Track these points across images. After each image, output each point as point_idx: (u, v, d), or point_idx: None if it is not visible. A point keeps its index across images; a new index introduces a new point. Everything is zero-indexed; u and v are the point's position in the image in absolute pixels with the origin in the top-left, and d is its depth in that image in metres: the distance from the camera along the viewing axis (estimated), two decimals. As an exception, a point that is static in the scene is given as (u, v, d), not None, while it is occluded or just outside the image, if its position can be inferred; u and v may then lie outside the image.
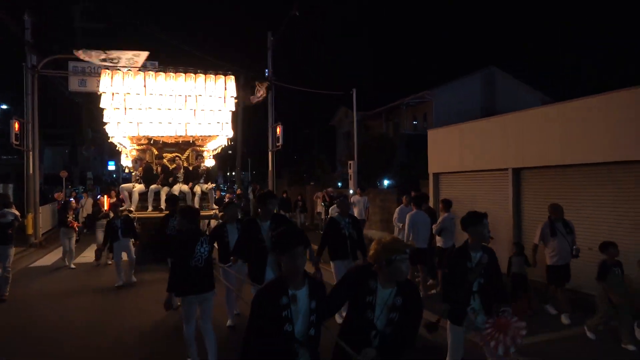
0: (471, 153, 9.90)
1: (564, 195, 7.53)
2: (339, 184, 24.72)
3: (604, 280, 5.33)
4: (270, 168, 16.94)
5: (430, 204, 9.88)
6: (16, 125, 12.86)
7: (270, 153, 16.66)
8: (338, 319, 4.97)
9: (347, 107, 26.50)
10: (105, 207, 11.33)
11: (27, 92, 13.89)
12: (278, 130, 15.59)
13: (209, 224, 11.40)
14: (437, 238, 7.74)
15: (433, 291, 7.78)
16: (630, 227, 6.70)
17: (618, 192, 6.91)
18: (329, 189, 17.60)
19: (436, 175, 11.20)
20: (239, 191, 19.62)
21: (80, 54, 11.92)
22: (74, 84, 14.89)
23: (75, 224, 10.76)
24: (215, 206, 11.49)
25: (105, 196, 13.75)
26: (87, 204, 14.48)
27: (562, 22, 40.93)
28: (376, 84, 41.96)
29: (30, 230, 13.70)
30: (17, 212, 8.28)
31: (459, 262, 3.63)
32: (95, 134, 28.60)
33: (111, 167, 46.42)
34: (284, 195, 18.33)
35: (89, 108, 24.23)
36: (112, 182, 42.47)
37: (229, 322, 6.14)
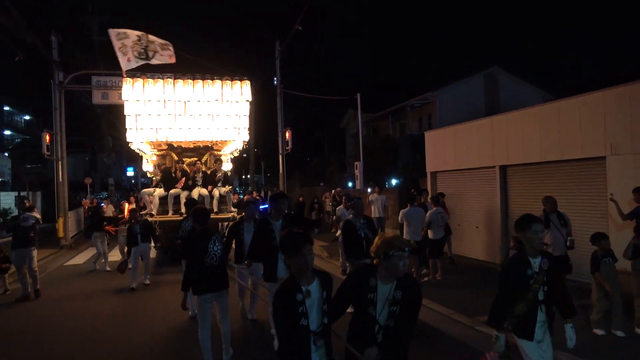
0: (463, 152, 10.71)
1: (544, 189, 8.28)
2: (349, 183, 25.57)
3: (598, 271, 5.49)
4: (280, 171, 17.87)
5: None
6: (47, 137, 14.00)
7: (280, 156, 17.59)
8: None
9: (355, 110, 27.29)
10: (126, 214, 11.66)
11: (55, 106, 15.04)
12: (287, 135, 16.51)
13: (227, 226, 11.23)
14: (429, 231, 8.57)
15: (425, 279, 8.61)
16: (600, 217, 7.45)
17: (589, 185, 7.66)
18: (338, 189, 18.51)
19: (433, 174, 12.01)
20: (255, 194, 20.51)
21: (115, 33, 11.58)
22: (97, 97, 15.93)
23: (112, 228, 11.13)
24: (233, 209, 11.67)
25: (126, 203, 14.41)
26: (109, 210, 15.25)
27: (563, 22, 41.30)
28: (384, 85, 42.96)
29: (61, 234, 14.83)
30: (38, 215, 8.66)
31: (519, 271, 3.41)
32: (114, 142, 29.78)
33: (130, 172, 48.04)
34: (300, 199, 18.91)
35: (108, 117, 25.37)
36: (131, 188, 44.04)
37: (248, 315, 6.54)
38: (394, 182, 23.41)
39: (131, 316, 7.06)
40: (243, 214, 7.01)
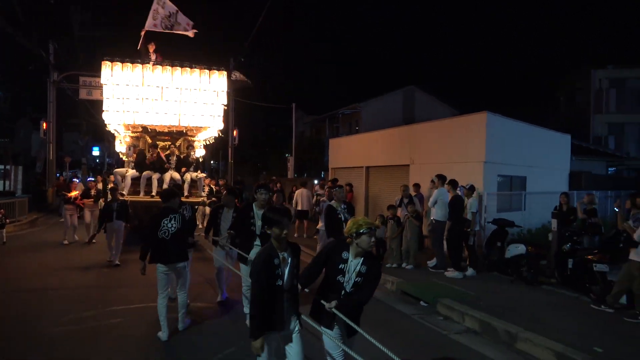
0: (349, 155, 15.75)
1: (384, 182, 13.43)
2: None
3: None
4: (230, 160, 22.55)
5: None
6: (44, 125, 18.11)
7: (229, 149, 22.24)
8: None
9: (300, 112, 32.20)
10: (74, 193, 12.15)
11: (49, 100, 19.06)
12: (235, 133, 21.20)
13: (196, 210, 11.56)
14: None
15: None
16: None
17: (402, 180, 12.75)
18: (274, 177, 23.29)
19: (333, 169, 17.02)
20: (222, 181, 23.94)
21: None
22: (82, 94, 19.99)
23: (80, 202, 11.64)
24: (203, 194, 12.09)
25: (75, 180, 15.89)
26: (79, 188, 14.66)
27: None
28: (325, 92, 49.71)
29: (50, 200, 18.97)
30: None
31: None
32: (85, 121, 31.95)
33: (95, 152, 50.95)
34: (279, 185, 17.06)
35: (82, 102, 28.69)
36: (95, 167, 46.97)
37: (218, 298, 6.67)
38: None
39: (100, 288, 7.34)
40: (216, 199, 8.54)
